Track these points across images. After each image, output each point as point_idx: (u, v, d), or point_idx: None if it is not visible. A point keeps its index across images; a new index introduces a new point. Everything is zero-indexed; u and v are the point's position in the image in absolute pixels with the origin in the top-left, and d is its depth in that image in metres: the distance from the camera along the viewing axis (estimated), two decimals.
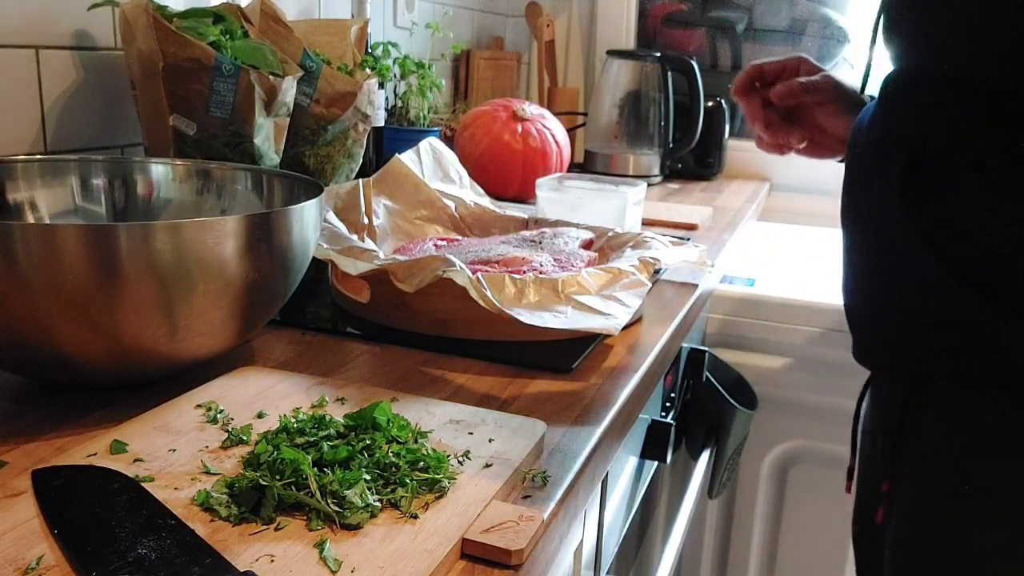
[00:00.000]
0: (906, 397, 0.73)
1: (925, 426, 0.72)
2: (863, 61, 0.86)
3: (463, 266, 0.76)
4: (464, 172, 1.15)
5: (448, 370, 0.72)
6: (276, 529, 0.46)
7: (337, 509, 0.47)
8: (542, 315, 0.75)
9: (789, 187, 2.02)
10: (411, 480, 0.50)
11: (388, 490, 0.49)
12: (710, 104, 1.89)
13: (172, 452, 0.53)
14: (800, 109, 0.95)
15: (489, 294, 0.74)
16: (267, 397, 0.62)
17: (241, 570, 0.42)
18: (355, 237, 0.89)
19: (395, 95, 1.61)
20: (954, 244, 0.65)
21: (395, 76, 1.59)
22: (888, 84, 0.73)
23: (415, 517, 0.48)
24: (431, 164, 1.11)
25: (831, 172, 1.10)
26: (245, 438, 0.55)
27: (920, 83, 0.69)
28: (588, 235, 1.01)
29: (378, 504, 0.48)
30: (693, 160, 1.97)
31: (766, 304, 1.37)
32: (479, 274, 0.76)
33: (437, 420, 0.60)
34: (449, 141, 1.55)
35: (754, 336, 1.38)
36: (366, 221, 0.97)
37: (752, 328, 1.38)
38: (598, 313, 0.76)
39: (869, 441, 0.82)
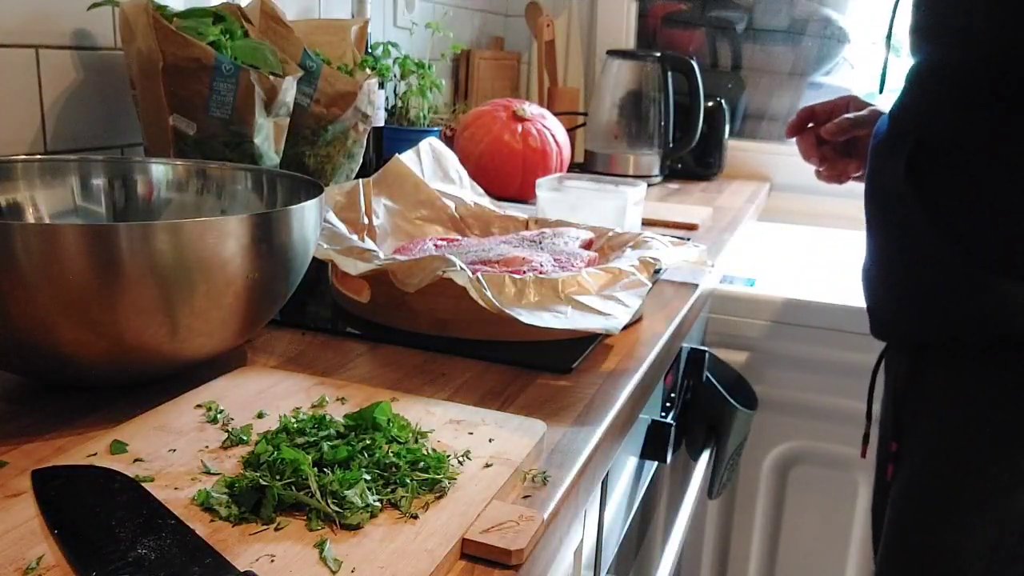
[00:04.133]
0: (913, 363, 0.82)
1: (928, 389, 0.81)
2: (864, 61, 0.93)
3: (463, 266, 0.76)
4: (464, 172, 1.15)
5: (448, 370, 0.72)
6: (276, 529, 0.46)
7: (337, 509, 0.47)
8: (542, 315, 0.74)
9: (789, 187, 2.02)
10: (411, 480, 0.50)
11: (388, 490, 0.49)
12: (710, 104, 1.89)
13: (172, 452, 0.53)
14: (854, 141, 1.04)
15: (489, 294, 0.74)
16: (267, 397, 0.62)
17: (241, 570, 0.42)
18: (355, 237, 0.89)
19: (395, 95, 1.61)
20: (956, 217, 0.75)
21: (395, 76, 1.58)
22: (908, 78, 0.82)
23: (415, 517, 0.48)
24: (431, 164, 1.11)
25: None
26: (245, 438, 0.55)
27: (935, 76, 0.79)
28: (588, 235, 1.01)
29: (378, 504, 0.48)
30: (693, 160, 1.96)
31: (766, 304, 1.37)
32: (479, 274, 0.76)
33: (437, 420, 0.60)
34: (449, 141, 1.55)
35: (754, 336, 1.38)
36: (366, 221, 0.97)
37: (752, 328, 1.38)
38: (598, 313, 0.76)
39: (881, 407, 0.91)
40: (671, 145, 1.87)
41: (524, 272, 0.83)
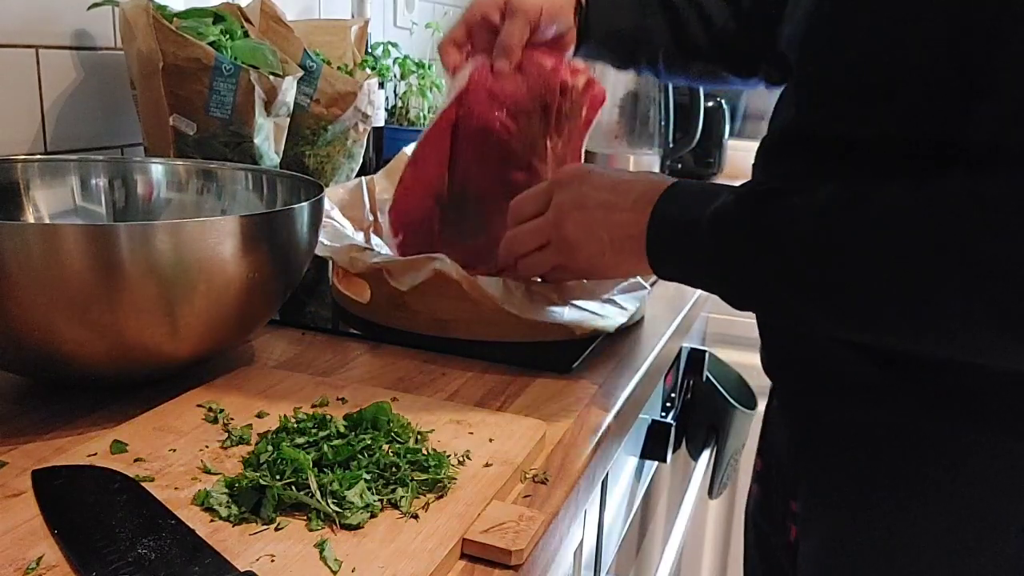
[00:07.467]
0: (806, 411, 0.70)
1: (824, 441, 0.67)
2: None
3: (457, 267, 0.76)
4: None
5: (448, 370, 0.72)
6: (276, 529, 0.46)
7: (337, 509, 0.47)
8: (539, 310, 0.74)
9: None
10: (411, 480, 0.50)
11: (388, 490, 0.49)
12: (710, 104, 1.89)
13: (172, 452, 0.53)
14: None
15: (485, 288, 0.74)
16: (267, 397, 0.62)
17: (241, 570, 0.42)
18: (360, 234, 0.89)
19: (395, 95, 1.61)
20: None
21: (395, 76, 1.59)
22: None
23: (415, 517, 0.48)
24: None
25: None
26: (245, 438, 0.55)
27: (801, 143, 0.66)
28: None
29: (378, 504, 0.48)
30: (693, 160, 1.96)
31: None
32: (476, 276, 0.76)
33: (437, 420, 0.60)
34: None
35: (754, 336, 1.38)
36: (371, 218, 0.97)
37: (752, 328, 1.38)
38: (595, 315, 0.76)
39: (777, 454, 0.77)
40: (671, 145, 1.87)
41: None
